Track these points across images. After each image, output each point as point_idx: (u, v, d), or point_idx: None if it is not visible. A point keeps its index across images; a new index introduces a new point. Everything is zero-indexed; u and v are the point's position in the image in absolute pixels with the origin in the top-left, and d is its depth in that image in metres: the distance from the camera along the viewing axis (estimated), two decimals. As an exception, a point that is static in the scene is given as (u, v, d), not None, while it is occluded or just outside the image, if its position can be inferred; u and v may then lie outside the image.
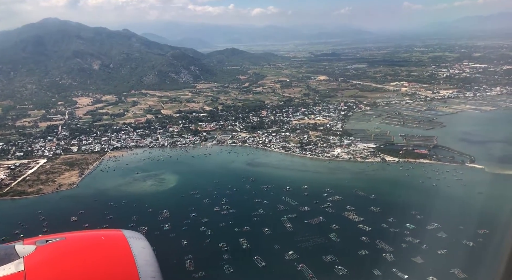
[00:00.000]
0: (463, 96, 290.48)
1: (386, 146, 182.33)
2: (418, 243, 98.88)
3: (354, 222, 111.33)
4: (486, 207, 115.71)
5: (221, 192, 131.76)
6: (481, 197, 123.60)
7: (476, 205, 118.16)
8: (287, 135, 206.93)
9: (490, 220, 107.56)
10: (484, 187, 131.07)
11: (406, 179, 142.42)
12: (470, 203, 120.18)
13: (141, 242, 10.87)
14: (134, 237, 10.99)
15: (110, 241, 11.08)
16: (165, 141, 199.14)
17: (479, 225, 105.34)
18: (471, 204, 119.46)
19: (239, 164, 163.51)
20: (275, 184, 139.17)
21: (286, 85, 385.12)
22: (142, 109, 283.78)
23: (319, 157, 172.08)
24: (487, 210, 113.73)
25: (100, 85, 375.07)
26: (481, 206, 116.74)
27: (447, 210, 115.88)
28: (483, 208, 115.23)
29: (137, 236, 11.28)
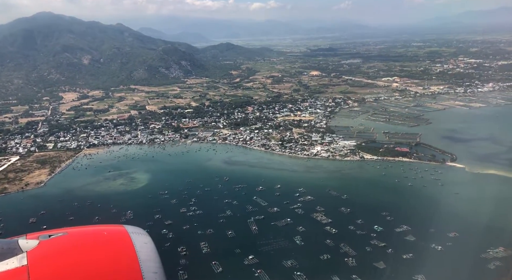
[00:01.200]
0: (454, 92, 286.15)
1: (368, 143, 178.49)
2: (384, 246, 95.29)
3: (321, 224, 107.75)
4: (460, 209, 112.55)
5: (191, 192, 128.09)
6: (456, 197, 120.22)
7: (451, 206, 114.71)
8: (269, 132, 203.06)
9: (463, 222, 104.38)
10: (462, 187, 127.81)
11: (382, 178, 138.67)
12: (445, 204, 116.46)
13: (143, 238, 10.85)
14: (136, 233, 10.97)
15: (112, 236, 10.97)
16: (144, 138, 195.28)
17: (451, 227, 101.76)
18: (445, 205, 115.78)
19: (216, 162, 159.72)
20: (249, 183, 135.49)
21: (278, 80, 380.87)
22: (127, 105, 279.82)
23: (298, 155, 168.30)
24: (461, 212, 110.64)
25: (88, 80, 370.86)
26: (456, 208, 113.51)
27: (419, 211, 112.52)
28: (457, 210, 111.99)
29: (140, 232, 11.24)
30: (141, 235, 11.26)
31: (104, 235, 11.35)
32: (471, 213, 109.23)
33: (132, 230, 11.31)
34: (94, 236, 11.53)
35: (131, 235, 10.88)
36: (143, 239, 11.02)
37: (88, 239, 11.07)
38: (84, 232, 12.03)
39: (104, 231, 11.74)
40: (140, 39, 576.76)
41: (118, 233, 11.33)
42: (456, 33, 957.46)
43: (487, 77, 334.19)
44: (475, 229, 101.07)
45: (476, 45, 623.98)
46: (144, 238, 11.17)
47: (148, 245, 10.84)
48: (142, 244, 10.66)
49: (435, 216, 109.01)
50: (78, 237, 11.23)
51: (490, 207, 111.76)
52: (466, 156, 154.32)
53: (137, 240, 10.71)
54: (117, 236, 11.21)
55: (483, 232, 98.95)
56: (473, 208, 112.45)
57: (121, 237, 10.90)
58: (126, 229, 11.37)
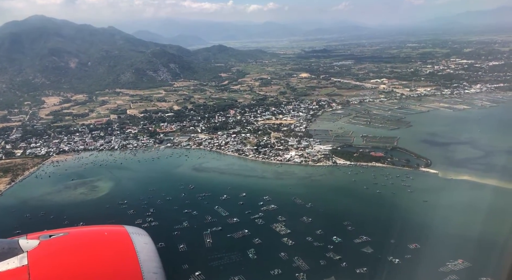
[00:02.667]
0: (440, 94, 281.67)
1: (343, 147, 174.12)
2: (339, 260, 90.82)
3: (279, 235, 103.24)
4: (426, 218, 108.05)
5: (151, 202, 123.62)
6: (424, 206, 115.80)
7: (416, 215, 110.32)
8: (247, 136, 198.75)
9: (426, 232, 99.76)
10: (432, 194, 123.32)
11: (351, 185, 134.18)
12: (411, 212, 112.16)
13: (143, 238, 10.73)
14: (136, 233, 10.82)
15: (113, 236, 10.79)
16: (117, 143, 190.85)
17: (412, 238, 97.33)
18: (411, 213, 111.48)
19: (184, 169, 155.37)
20: (214, 191, 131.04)
21: (266, 83, 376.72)
22: (108, 109, 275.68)
23: (271, 160, 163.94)
24: (426, 221, 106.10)
25: (74, 84, 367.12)
26: (421, 216, 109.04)
27: (383, 220, 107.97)
28: (423, 219, 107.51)
29: (140, 232, 11.14)
30: (142, 235, 11.16)
31: (105, 235, 11.24)
32: (436, 222, 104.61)
33: (132, 231, 11.18)
34: (95, 236, 11.38)
35: (132, 236, 10.79)
36: (144, 240, 10.94)
37: (89, 239, 10.94)
38: (84, 232, 11.95)
39: (105, 232, 11.60)
40: (131, 42, 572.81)
41: (119, 233, 11.21)
42: (453, 34, 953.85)
43: (476, 79, 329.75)
44: (437, 239, 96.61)
45: (470, 45, 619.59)
46: (145, 239, 11.07)
47: (149, 246, 10.74)
48: (143, 244, 10.56)
49: (398, 225, 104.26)
50: (78, 237, 11.14)
51: (457, 216, 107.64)
52: (441, 161, 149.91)
53: (138, 240, 10.60)
54: (117, 236, 11.09)
55: (446, 243, 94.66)
56: (439, 216, 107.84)
57: (121, 237, 10.80)
58: (127, 229, 11.24)
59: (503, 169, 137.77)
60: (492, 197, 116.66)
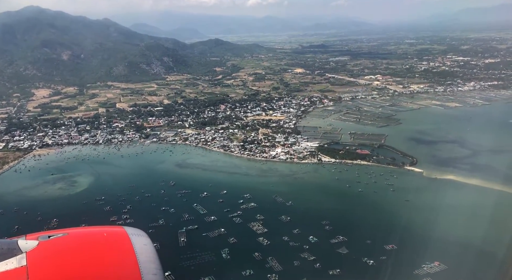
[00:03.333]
0: (433, 91, 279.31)
1: (330, 145, 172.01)
2: (313, 260, 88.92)
3: (256, 234, 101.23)
4: (405, 218, 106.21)
5: (129, 198, 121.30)
6: (405, 205, 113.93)
7: (396, 215, 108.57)
8: (234, 132, 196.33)
9: (404, 233, 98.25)
10: (414, 193, 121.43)
11: (333, 183, 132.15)
12: (391, 212, 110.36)
13: (143, 239, 10.86)
14: (136, 234, 10.93)
15: (112, 237, 10.74)
16: (102, 137, 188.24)
17: (390, 239, 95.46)
18: (391, 213, 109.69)
19: (167, 165, 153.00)
20: (194, 188, 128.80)
21: (260, 78, 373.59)
22: (98, 102, 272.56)
23: (257, 157, 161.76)
24: (405, 221, 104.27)
25: (66, 76, 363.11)
26: (401, 216, 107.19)
27: (361, 220, 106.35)
28: (402, 219, 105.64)
29: (139, 233, 11.34)
30: (141, 236, 11.12)
31: (104, 237, 11.13)
32: (416, 223, 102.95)
33: (131, 232, 11.15)
34: (94, 237, 11.26)
35: (131, 237, 10.70)
36: (143, 241, 10.87)
37: (88, 240, 10.82)
38: (83, 233, 11.90)
39: (104, 232, 11.51)
40: (126, 34, 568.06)
41: (118, 234, 11.17)
42: (452, 31, 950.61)
43: (470, 76, 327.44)
44: (415, 241, 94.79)
45: (468, 42, 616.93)
46: (144, 240, 11.02)
47: (148, 247, 10.73)
48: (142, 245, 10.47)
49: (376, 225, 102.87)
50: (77, 238, 11.01)
51: (437, 217, 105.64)
52: (427, 160, 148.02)
53: (137, 241, 10.52)
54: (116, 237, 10.98)
55: (423, 244, 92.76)
56: (419, 217, 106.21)
57: (120, 238, 10.68)
58: (126, 230, 11.20)
59: (489, 169, 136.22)
60: (475, 198, 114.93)
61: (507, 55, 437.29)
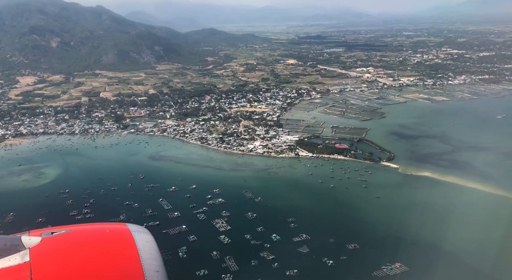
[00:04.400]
0: (423, 84, 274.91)
1: (311, 138, 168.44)
2: (271, 260, 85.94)
3: (218, 231, 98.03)
4: (373, 216, 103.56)
5: (94, 192, 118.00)
6: (375, 202, 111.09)
7: (364, 212, 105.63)
8: (215, 124, 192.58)
9: (369, 232, 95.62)
10: (386, 190, 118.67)
11: (306, 179, 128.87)
12: (359, 209, 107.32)
13: (145, 236, 10.73)
14: (138, 231, 10.83)
15: (114, 234, 10.78)
16: (79, 127, 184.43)
17: (353, 238, 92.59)
18: (359, 210, 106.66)
19: (140, 157, 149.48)
20: (163, 182, 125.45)
21: (251, 68, 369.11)
22: (82, 91, 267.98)
23: (233, 150, 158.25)
24: (372, 219, 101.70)
25: (53, 64, 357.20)
26: (369, 214, 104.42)
27: (328, 217, 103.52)
28: (369, 217, 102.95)
29: (142, 230, 11.17)
30: (143, 233, 11.05)
31: (106, 233, 11.12)
32: (382, 221, 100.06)
33: (134, 229, 11.11)
34: (96, 234, 11.25)
35: (133, 234, 10.65)
36: (145, 238, 10.80)
37: (90, 237, 10.81)
38: (86, 230, 11.82)
39: (107, 229, 11.53)
40: (118, 22, 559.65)
41: (120, 231, 11.10)
42: (451, 23, 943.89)
43: (462, 69, 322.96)
44: (379, 240, 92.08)
45: (465, 35, 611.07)
46: (146, 237, 10.93)
47: (150, 244, 10.58)
48: (144, 242, 10.42)
49: (342, 223, 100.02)
50: (80, 234, 11.06)
51: (406, 215, 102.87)
52: (405, 155, 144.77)
53: (139, 238, 10.47)
54: (119, 234, 10.96)
55: (387, 244, 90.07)
56: (388, 215, 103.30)
57: (123, 235, 10.66)
58: (129, 227, 11.18)
59: (467, 166, 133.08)
60: (448, 196, 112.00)
61: (502, 49, 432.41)
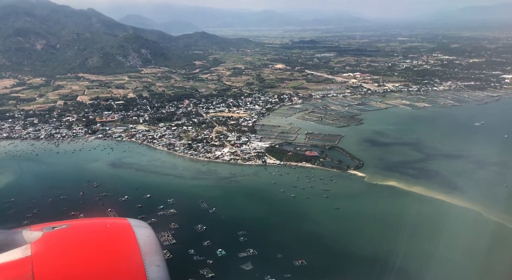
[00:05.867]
0: (407, 90, 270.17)
1: (282, 145, 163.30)
2: (210, 278, 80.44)
3: (161, 246, 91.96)
4: (327, 228, 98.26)
5: (41, 201, 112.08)
6: (333, 214, 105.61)
7: (319, 224, 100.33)
8: (188, 130, 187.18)
9: (320, 246, 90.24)
10: (347, 201, 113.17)
11: (268, 188, 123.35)
12: (315, 221, 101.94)
13: (146, 231, 10.64)
14: (139, 226, 10.79)
15: (115, 229, 10.84)
16: (46, 132, 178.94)
17: (301, 253, 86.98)
18: (315, 222, 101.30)
19: (100, 164, 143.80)
20: (117, 191, 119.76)
21: (238, 73, 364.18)
22: (60, 94, 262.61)
23: (200, 157, 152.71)
24: (325, 233, 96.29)
25: (37, 67, 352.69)
26: (323, 227, 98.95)
27: (281, 230, 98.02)
28: (323, 230, 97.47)
29: (143, 225, 11.04)
30: (144, 228, 10.97)
31: (107, 228, 11.09)
32: (336, 235, 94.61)
33: (135, 223, 10.95)
34: (97, 228, 11.21)
35: (134, 228, 10.60)
36: (146, 233, 10.70)
37: (91, 231, 10.84)
38: (87, 224, 11.84)
39: (107, 224, 11.54)
40: (109, 25, 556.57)
41: (121, 226, 11.04)
42: (447, 29, 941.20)
43: (449, 75, 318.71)
44: (328, 255, 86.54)
45: (459, 41, 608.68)
46: (147, 231, 10.83)
47: (151, 239, 10.60)
48: (145, 237, 10.41)
49: (293, 236, 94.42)
50: (81, 229, 11.11)
51: (363, 227, 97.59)
52: (374, 163, 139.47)
53: (140, 233, 10.44)
54: (120, 229, 10.96)
55: (336, 260, 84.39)
56: (343, 227, 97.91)
57: (124, 230, 10.65)
58: (129, 222, 10.98)
59: (436, 175, 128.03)
60: (410, 208, 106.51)
61: (493, 55, 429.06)
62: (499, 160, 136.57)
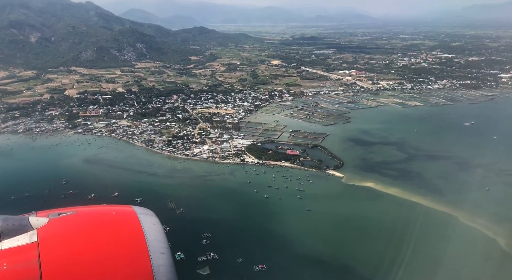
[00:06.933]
0: (401, 89, 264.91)
1: (264, 143, 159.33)
2: (162, 282, 76.18)
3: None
4: (295, 231, 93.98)
5: (3, 199, 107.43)
6: (303, 216, 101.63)
7: (288, 226, 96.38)
8: (170, 126, 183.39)
9: (283, 250, 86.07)
10: (321, 202, 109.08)
11: (242, 188, 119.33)
12: (283, 223, 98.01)
13: (151, 218, 10.81)
14: (144, 213, 10.95)
15: (120, 216, 10.98)
16: (26, 126, 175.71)
17: (263, 257, 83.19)
18: (284, 224, 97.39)
19: (74, 160, 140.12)
20: (85, 188, 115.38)
21: (232, 69, 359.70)
22: (48, 88, 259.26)
23: (177, 154, 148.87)
24: (292, 236, 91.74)
25: (30, 60, 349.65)
26: (291, 229, 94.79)
27: (246, 232, 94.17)
28: (291, 232, 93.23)
29: (147, 213, 11.19)
30: (149, 216, 11.05)
31: (113, 215, 11.12)
32: (302, 238, 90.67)
33: (140, 211, 11.03)
34: (103, 215, 11.29)
35: (139, 216, 10.69)
36: (151, 220, 10.81)
37: (97, 218, 10.95)
38: (93, 211, 11.83)
39: (113, 211, 11.47)
40: (106, 19, 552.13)
41: (126, 213, 11.06)
42: (452, 27, 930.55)
43: (446, 74, 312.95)
44: (291, 260, 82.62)
45: (461, 39, 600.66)
46: (152, 219, 10.92)
47: (156, 226, 10.66)
48: (150, 225, 10.49)
49: (257, 239, 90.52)
50: (87, 216, 11.18)
51: (331, 231, 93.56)
52: (355, 163, 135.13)
53: (145, 220, 10.52)
54: (125, 216, 10.95)
55: (298, 265, 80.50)
56: (311, 231, 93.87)
57: (129, 217, 10.68)
58: (134, 209, 11.03)
59: (415, 177, 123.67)
60: (382, 211, 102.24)
61: (493, 54, 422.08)
62: (484, 161, 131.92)
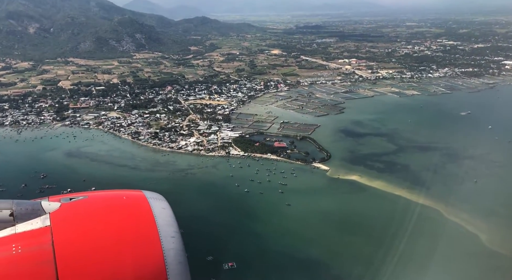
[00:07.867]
0: (400, 77, 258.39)
1: (253, 135, 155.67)
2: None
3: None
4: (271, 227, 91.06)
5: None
6: (282, 211, 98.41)
7: (264, 222, 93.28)
8: (160, 117, 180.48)
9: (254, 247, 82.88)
10: (302, 196, 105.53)
11: (224, 181, 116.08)
12: (261, 218, 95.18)
13: (161, 203, 10.80)
14: (154, 198, 10.89)
15: (131, 201, 10.96)
16: (14, 118, 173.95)
17: (234, 255, 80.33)
18: (261, 220, 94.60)
19: (56, 153, 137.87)
20: (63, 183, 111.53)
21: (231, 59, 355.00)
22: (42, 79, 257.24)
23: (163, 147, 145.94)
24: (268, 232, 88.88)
25: (27, 51, 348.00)
26: (267, 225, 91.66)
27: (221, 229, 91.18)
28: (267, 228, 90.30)
29: (158, 197, 11.13)
30: (159, 200, 10.82)
31: (123, 200, 10.95)
32: (277, 235, 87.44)
33: (150, 196, 10.80)
34: (114, 200, 11.14)
35: (150, 200, 10.47)
36: (161, 205, 10.62)
37: (108, 202, 10.86)
38: (104, 196, 11.65)
39: (123, 196, 11.21)
40: (107, 9, 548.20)
41: (137, 197, 10.87)
42: (461, 13, 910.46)
43: (448, 62, 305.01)
44: (262, 258, 79.48)
45: (469, 26, 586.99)
46: (162, 204, 10.73)
47: (166, 211, 10.49)
48: (160, 209, 10.29)
49: (231, 236, 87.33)
50: (98, 200, 11.10)
51: (308, 228, 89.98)
52: (342, 156, 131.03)
53: (155, 205, 10.31)
54: (136, 200, 10.75)
55: (269, 263, 77.34)
56: (288, 227, 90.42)
57: (139, 201, 10.48)
58: (145, 194, 10.82)
59: (402, 169, 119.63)
60: (364, 205, 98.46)
61: (500, 40, 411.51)
62: (476, 152, 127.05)
